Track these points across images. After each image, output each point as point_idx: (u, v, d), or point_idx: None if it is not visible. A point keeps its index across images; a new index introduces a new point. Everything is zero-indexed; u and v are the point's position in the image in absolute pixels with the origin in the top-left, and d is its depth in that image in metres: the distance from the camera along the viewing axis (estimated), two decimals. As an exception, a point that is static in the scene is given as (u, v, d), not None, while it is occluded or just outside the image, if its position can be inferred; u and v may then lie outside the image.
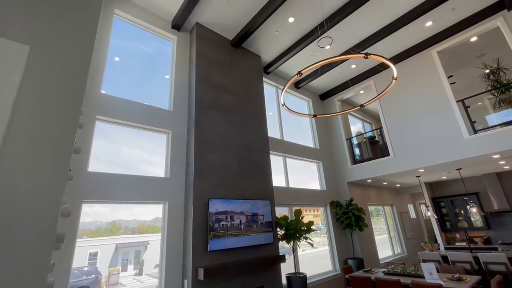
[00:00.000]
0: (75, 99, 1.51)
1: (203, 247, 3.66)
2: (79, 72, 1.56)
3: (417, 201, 10.57)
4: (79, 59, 1.58)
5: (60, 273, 2.82)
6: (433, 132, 5.67)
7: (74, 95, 1.51)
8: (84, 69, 1.58)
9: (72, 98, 1.50)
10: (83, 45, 1.63)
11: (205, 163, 4.14)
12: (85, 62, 1.59)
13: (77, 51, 1.59)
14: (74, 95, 1.51)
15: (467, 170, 6.73)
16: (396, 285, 4.09)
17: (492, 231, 7.51)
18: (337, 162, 7.50)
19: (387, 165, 6.36)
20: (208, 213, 3.80)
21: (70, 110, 1.47)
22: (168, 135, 4.32)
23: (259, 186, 4.76)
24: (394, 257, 8.03)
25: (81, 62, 1.58)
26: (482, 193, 7.86)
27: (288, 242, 4.91)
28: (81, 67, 1.58)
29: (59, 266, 2.81)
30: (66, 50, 1.56)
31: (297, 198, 5.98)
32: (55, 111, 1.42)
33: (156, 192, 3.82)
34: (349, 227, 6.34)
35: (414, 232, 9.56)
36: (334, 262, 6.23)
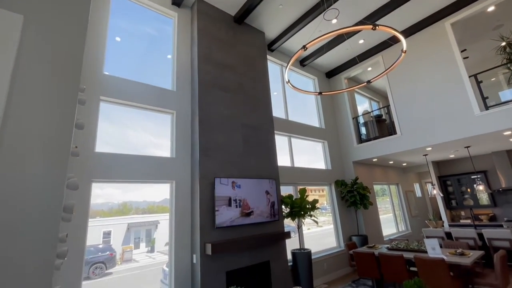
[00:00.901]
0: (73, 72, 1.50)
1: (210, 224, 3.77)
2: (75, 44, 1.53)
3: (423, 180, 10.54)
4: (75, 30, 1.54)
5: (76, 250, 2.96)
6: (442, 109, 5.51)
7: (71, 68, 1.50)
8: (79, 41, 1.55)
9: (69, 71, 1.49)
10: (77, 16, 1.59)
11: (210, 142, 4.16)
12: (81, 33, 1.55)
13: (72, 22, 1.55)
14: (71, 68, 1.50)
15: (476, 148, 6.61)
16: (399, 260, 4.19)
17: (498, 209, 7.51)
18: (342, 141, 7.44)
19: (393, 144, 6.29)
20: (214, 191, 3.86)
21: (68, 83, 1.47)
22: (172, 116, 4.32)
23: (264, 166, 4.79)
24: (398, 234, 8.17)
25: (77, 33, 1.55)
26: (490, 171, 7.77)
27: (293, 219, 5.02)
28: (77, 38, 1.55)
29: (74, 244, 2.95)
30: (61, 20, 1.52)
31: (302, 177, 6.02)
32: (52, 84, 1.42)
33: (163, 171, 3.88)
34: (354, 205, 6.41)
35: (419, 210, 9.63)
36: (338, 239, 6.38)
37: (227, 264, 3.78)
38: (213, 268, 3.62)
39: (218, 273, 3.65)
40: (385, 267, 4.35)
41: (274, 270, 4.33)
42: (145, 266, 4.30)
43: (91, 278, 4.07)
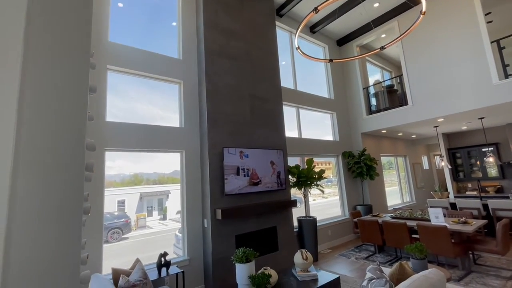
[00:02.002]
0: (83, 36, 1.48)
1: (219, 192, 3.92)
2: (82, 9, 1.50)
3: (432, 152, 10.46)
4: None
5: (96, 215, 3.17)
6: (458, 78, 5.28)
7: (81, 32, 1.48)
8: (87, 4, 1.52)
9: (80, 36, 1.48)
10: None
11: (218, 113, 4.16)
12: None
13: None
14: (81, 32, 1.48)
15: (490, 119, 6.41)
16: (402, 227, 4.33)
17: (506, 181, 7.48)
18: (351, 112, 7.32)
19: (404, 115, 6.15)
20: (223, 161, 3.95)
21: (79, 48, 1.46)
22: (180, 85, 4.28)
23: (272, 136, 4.82)
24: (402, 204, 8.33)
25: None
26: (503, 144, 7.62)
27: (300, 188, 5.15)
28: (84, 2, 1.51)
29: (93, 209, 3.15)
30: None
31: (310, 149, 6.06)
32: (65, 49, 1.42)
33: (173, 141, 3.96)
34: (360, 176, 6.49)
35: (425, 182, 9.70)
36: (343, 208, 6.56)
37: (236, 228, 3.99)
38: (223, 232, 3.83)
39: (228, 236, 3.87)
40: (388, 234, 4.52)
41: (281, 234, 4.56)
42: (159, 232, 4.60)
43: (109, 242, 4.40)
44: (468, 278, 3.71)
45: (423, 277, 2.04)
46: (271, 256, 4.32)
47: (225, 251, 3.78)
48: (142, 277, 2.63)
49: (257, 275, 2.58)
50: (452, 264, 4.23)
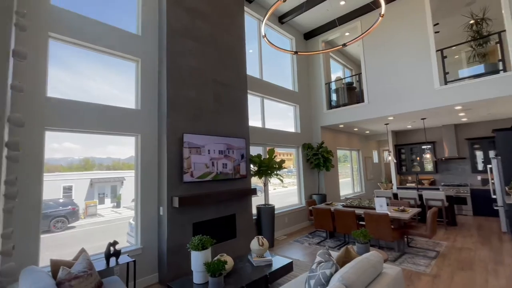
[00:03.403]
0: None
1: (177, 179, 3.78)
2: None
3: (381, 148, 11.46)
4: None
5: (32, 201, 2.81)
6: (407, 81, 5.79)
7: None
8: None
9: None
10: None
11: (179, 97, 3.96)
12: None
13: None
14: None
15: (430, 120, 7.22)
16: (351, 215, 4.70)
17: (438, 175, 8.58)
18: (313, 106, 7.60)
19: (360, 112, 6.59)
20: (183, 147, 3.80)
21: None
22: (137, 64, 3.95)
23: (235, 124, 4.77)
24: (353, 194, 9.06)
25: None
26: (438, 142, 8.67)
27: (260, 177, 5.24)
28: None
29: (30, 197, 2.79)
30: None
31: (272, 139, 6.16)
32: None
33: (127, 124, 3.68)
34: (317, 167, 6.84)
35: (374, 174, 10.64)
36: (300, 197, 6.88)
37: (194, 216, 3.92)
38: (180, 220, 3.73)
39: (185, 224, 3.78)
40: (338, 221, 4.88)
41: (239, 222, 4.61)
42: (111, 220, 4.30)
43: (52, 232, 3.99)
44: (401, 258, 4.21)
45: (365, 259, 2.24)
46: (229, 243, 4.36)
47: (181, 239, 3.70)
48: (87, 267, 2.44)
49: (212, 262, 2.58)
50: (390, 247, 4.75)
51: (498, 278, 3.37)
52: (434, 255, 4.30)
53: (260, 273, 2.99)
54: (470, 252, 4.38)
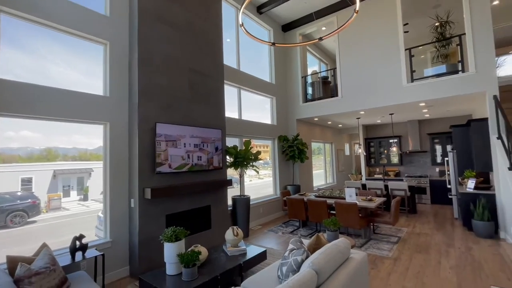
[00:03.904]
0: None
1: (150, 169, 3.66)
2: None
3: (353, 141, 11.99)
4: None
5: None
6: (378, 77, 6.07)
7: None
8: None
9: None
10: None
11: (151, 84, 3.78)
12: None
13: None
14: None
15: (397, 115, 7.67)
16: (323, 204, 4.90)
17: (403, 167, 9.21)
18: (290, 98, 7.69)
19: (334, 106, 6.80)
20: (156, 137, 3.67)
21: None
22: (105, 47, 3.69)
23: (211, 115, 4.69)
24: (326, 185, 9.43)
25: None
26: (404, 137, 9.27)
27: (236, 169, 5.24)
28: None
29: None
30: None
31: (248, 130, 6.16)
32: None
33: (95, 111, 3.45)
34: (292, 159, 7.00)
35: (345, 166, 11.14)
36: (275, 188, 7.02)
37: (167, 207, 3.83)
38: (152, 211, 3.64)
39: (158, 216, 3.69)
40: (311, 210, 5.07)
41: (215, 213, 4.60)
42: (78, 214, 4.06)
43: (9, 227, 3.68)
44: (367, 244, 4.50)
45: (334, 245, 2.36)
46: (203, 234, 4.35)
47: (153, 231, 3.61)
48: (49, 263, 2.30)
49: (186, 253, 2.56)
50: (357, 234, 5.05)
51: (449, 259, 3.75)
52: (396, 240, 4.65)
53: (234, 262, 3.03)
54: (427, 237, 4.81)
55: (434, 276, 3.25)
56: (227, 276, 2.84)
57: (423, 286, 3.01)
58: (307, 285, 1.73)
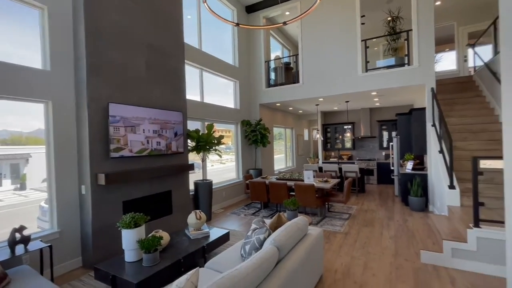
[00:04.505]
0: None
1: (103, 154, 3.38)
2: None
3: (312, 127, 12.58)
4: None
5: None
6: (337, 65, 6.37)
7: None
8: None
9: None
10: None
11: (102, 59, 3.41)
12: None
13: None
14: None
15: (352, 103, 8.22)
16: (283, 186, 5.13)
17: (355, 151, 10.03)
18: (253, 83, 7.67)
19: (296, 92, 6.98)
20: (109, 118, 3.37)
21: None
22: (41, 12, 3.18)
23: (171, 96, 4.45)
24: (286, 168, 9.83)
25: None
26: (357, 123, 10.02)
27: (198, 153, 5.14)
28: None
29: None
30: None
31: (211, 114, 6.03)
32: None
33: (32, 87, 3.00)
34: (255, 143, 7.10)
35: (304, 151, 11.71)
36: (238, 172, 7.10)
37: (124, 194, 3.62)
38: (107, 198, 3.40)
39: (114, 202, 3.47)
40: (272, 192, 5.27)
41: (176, 198, 4.50)
42: (14, 205, 3.58)
43: None
44: (323, 222, 4.89)
45: (293, 223, 2.51)
46: (165, 220, 4.24)
47: (109, 219, 3.40)
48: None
49: (147, 239, 2.49)
50: (314, 212, 5.44)
51: (389, 230, 4.29)
52: (347, 217, 5.14)
53: (197, 245, 3.04)
54: (373, 213, 5.40)
55: (377, 246, 3.70)
56: (190, 258, 2.85)
57: (368, 255, 3.42)
58: (269, 261, 1.84)
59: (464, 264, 2.97)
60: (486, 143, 4.74)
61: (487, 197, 3.05)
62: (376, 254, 3.44)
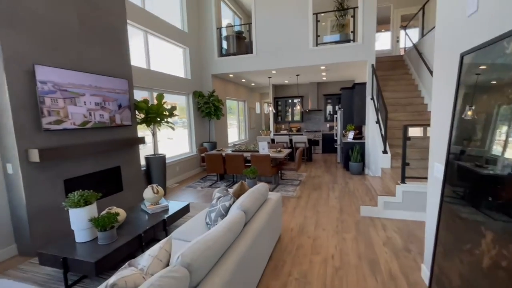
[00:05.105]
0: None
1: (33, 126, 2.86)
2: None
3: (263, 100, 12.76)
4: None
5: None
6: (290, 38, 6.42)
7: None
8: None
9: None
10: None
11: (20, 8, 2.75)
12: None
13: None
14: None
15: (302, 77, 8.53)
16: (240, 158, 5.22)
17: (303, 123, 10.65)
18: (204, 51, 7.24)
19: (249, 62, 6.88)
20: (37, 84, 2.83)
21: None
22: None
23: (113, 61, 3.91)
24: (240, 141, 9.93)
25: None
26: (305, 97, 10.55)
27: (148, 125, 4.77)
28: None
29: None
30: None
31: (160, 84, 5.56)
32: None
33: None
34: (208, 115, 6.91)
35: (257, 123, 11.93)
36: (191, 146, 6.89)
37: (65, 171, 3.20)
38: (44, 177, 2.97)
39: (53, 182, 3.05)
40: (229, 164, 5.33)
41: (126, 174, 4.19)
42: None
43: None
44: (277, 188, 5.22)
45: (256, 189, 2.63)
46: (114, 198, 3.95)
47: (49, 199, 3.00)
48: None
49: (101, 216, 2.30)
50: (268, 181, 5.74)
51: (334, 192, 4.85)
52: (298, 183, 5.58)
53: (157, 219, 2.95)
54: (320, 178, 5.98)
55: (325, 205, 4.17)
56: (151, 233, 2.77)
57: (318, 213, 3.84)
58: (238, 224, 1.91)
59: (393, 213, 3.60)
60: (411, 115, 5.56)
61: (410, 159, 3.67)
62: (325, 212, 3.89)
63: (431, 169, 2.14)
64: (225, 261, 1.61)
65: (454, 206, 1.60)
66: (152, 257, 1.36)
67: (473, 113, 1.50)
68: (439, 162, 1.96)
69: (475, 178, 1.42)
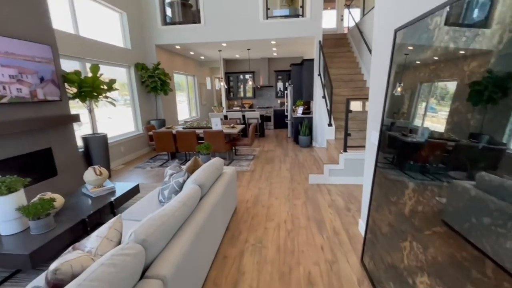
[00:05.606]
0: None
1: None
2: None
3: (214, 75, 12.30)
4: None
5: None
6: (241, 9, 6.16)
7: None
8: None
9: None
10: None
11: None
12: None
13: None
14: None
15: (253, 51, 8.41)
16: (192, 135, 5.05)
17: (255, 100, 10.71)
18: (145, 18, 6.49)
19: (197, 33, 6.44)
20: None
21: None
22: None
23: (26, 20, 3.23)
24: (191, 118, 9.54)
25: None
26: (257, 72, 10.50)
27: (83, 101, 4.20)
28: None
29: None
30: None
31: (94, 53, 4.86)
32: None
33: None
34: (154, 90, 6.39)
35: (208, 100, 11.54)
36: (137, 124, 6.36)
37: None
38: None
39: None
40: (180, 142, 5.12)
41: (60, 157, 3.69)
42: None
43: None
44: (231, 164, 5.27)
45: (211, 164, 2.60)
46: (48, 183, 3.48)
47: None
48: None
49: (33, 203, 2.02)
50: (223, 157, 5.72)
51: (285, 164, 5.13)
52: (252, 158, 5.72)
53: (103, 202, 2.73)
54: (272, 152, 6.22)
55: (278, 177, 4.40)
56: (97, 216, 2.55)
57: (271, 184, 4.04)
58: (193, 197, 1.89)
59: (336, 179, 4.01)
60: (353, 90, 6.06)
61: (352, 130, 4.05)
62: (277, 183, 4.11)
63: (369, 137, 2.41)
64: (183, 234, 1.59)
65: (385, 170, 1.85)
66: (101, 237, 1.26)
67: (401, 89, 1.70)
68: (375, 130, 2.21)
69: (401, 146, 1.65)
